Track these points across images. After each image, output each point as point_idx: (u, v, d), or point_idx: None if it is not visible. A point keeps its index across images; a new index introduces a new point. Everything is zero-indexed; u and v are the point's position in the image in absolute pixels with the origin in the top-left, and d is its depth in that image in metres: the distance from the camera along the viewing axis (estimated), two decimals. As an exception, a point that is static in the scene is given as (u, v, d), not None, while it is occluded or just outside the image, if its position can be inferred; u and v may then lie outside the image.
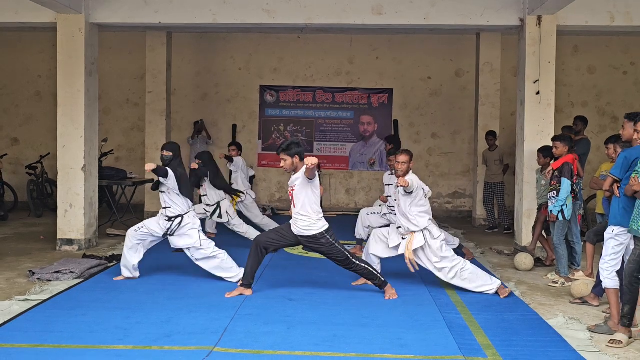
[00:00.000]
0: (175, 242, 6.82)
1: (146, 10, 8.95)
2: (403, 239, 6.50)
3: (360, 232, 8.59)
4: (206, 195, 8.76)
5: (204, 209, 8.78)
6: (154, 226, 6.83)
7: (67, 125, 8.78)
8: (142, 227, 6.84)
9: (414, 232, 6.41)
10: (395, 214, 6.69)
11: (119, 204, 11.25)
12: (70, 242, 8.76)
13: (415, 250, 6.44)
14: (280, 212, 12.45)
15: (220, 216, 8.72)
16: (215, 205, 8.70)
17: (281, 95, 13.55)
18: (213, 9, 8.90)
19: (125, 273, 6.85)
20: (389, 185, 8.21)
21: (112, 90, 13.39)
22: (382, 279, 6.27)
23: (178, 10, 8.94)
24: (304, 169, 5.93)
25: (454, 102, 13.32)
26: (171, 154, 6.87)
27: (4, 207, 11.72)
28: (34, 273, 6.89)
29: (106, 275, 7.07)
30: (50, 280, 6.73)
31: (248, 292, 6.26)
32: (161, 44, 11.95)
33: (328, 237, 6.14)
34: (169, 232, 6.78)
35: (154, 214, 11.63)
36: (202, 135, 12.92)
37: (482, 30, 11.05)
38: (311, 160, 5.69)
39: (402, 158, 6.47)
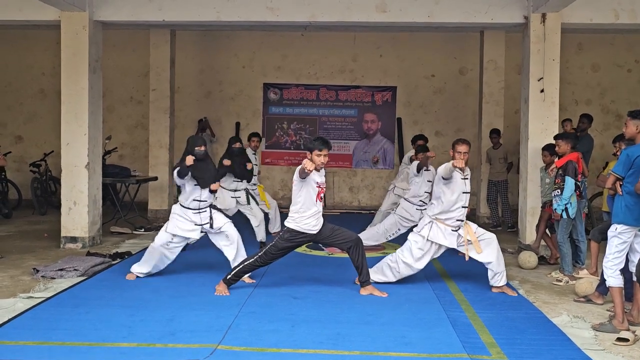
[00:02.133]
0: (215, 227, 6.79)
1: (150, 8, 8.95)
2: (454, 231, 6.48)
3: (381, 237, 8.53)
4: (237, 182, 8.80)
5: (232, 197, 8.76)
6: (191, 233, 6.76)
7: (70, 123, 8.79)
8: (173, 239, 6.81)
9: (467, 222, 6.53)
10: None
11: (122, 201, 11.25)
12: (74, 239, 8.77)
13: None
14: (284, 211, 12.43)
15: (256, 201, 8.83)
16: (244, 191, 8.78)
17: (285, 93, 13.54)
18: (217, 6, 8.90)
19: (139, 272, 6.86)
20: (449, 180, 7.89)
21: (116, 88, 13.40)
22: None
23: (182, 7, 8.94)
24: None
25: (457, 100, 13.30)
26: (204, 148, 6.84)
27: (8, 205, 11.74)
28: (38, 271, 6.90)
29: (110, 273, 7.08)
30: (54, 278, 6.74)
31: (227, 292, 6.24)
32: (165, 41, 11.95)
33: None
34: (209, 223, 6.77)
35: (157, 212, 11.77)
36: (206, 132, 12.92)
37: (486, 27, 11.03)
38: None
39: (464, 148, 6.74)
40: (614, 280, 5.35)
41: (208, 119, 13.13)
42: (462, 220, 6.53)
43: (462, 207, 6.53)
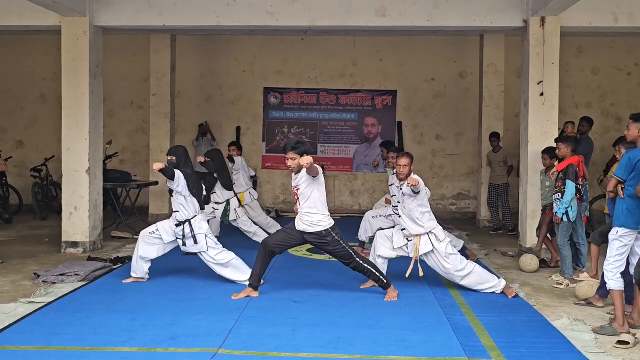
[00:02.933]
0: (184, 247, 6.83)
1: (150, 13, 8.98)
2: (408, 240, 6.50)
3: (362, 234, 8.59)
4: (215, 193, 8.80)
5: (213, 207, 8.82)
6: (165, 234, 6.84)
7: (71, 128, 8.80)
8: (156, 230, 6.87)
9: (420, 235, 6.41)
10: (399, 216, 6.68)
11: (123, 206, 11.26)
12: (75, 244, 8.78)
13: (424, 254, 6.45)
14: (285, 215, 12.45)
15: (227, 215, 8.77)
16: (225, 203, 8.73)
17: (285, 97, 13.56)
18: (217, 11, 8.92)
19: (137, 274, 6.88)
20: (392, 185, 8.21)
21: (117, 93, 13.43)
22: (386, 280, 6.28)
23: (182, 13, 8.96)
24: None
25: (457, 103, 13.32)
26: (175, 158, 6.87)
27: (9, 210, 11.76)
28: (39, 276, 6.91)
29: (111, 278, 7.08)
30: (55, 283, 6.75)
31: (255, 294, 6.26)
32: (165, 46, 11.97)
33: (334, 234, 6.15)
34: (182, 237, 6.78)
35: (158, 217, 11.77)
36: (206, 137, 12.94)
37: (486, 31, 11.04)
38: (306, 160, 5.74)
39: (403, 161, 6.46)
40: (615, 283, 5.35)
41: (209, 124, 13.14)
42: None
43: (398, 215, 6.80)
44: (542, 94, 8.46)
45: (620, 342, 4.95)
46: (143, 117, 13.27)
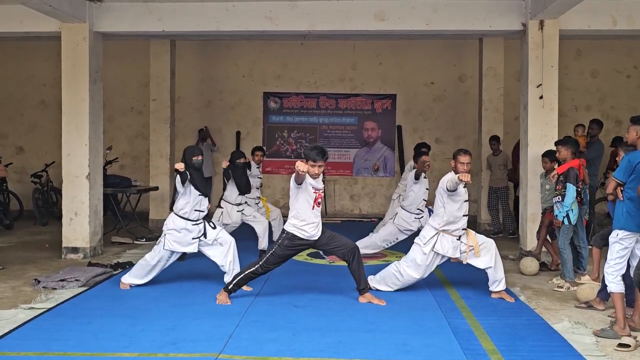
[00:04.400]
0: (211, 235, 6.80)
1: (150, 19, 9.00)
2: (459, 239, 6.51)
3: (379, 243, 8.51)
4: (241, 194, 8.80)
5: (238, 211, 8.75)
6: (190, 247, 6.78)
7: (71, 133, 8.82)
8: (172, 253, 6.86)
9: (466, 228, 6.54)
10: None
11: (123, 211, 11.27)
12: (75, 250, 8.78)
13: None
14: (286, 218, 12.42)
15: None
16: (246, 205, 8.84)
17: (285, 101, 13.58)
18: (216, 16, 8.94)
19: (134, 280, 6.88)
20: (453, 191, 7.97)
21: (117, 98, 13.44)
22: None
23: (181, 18, 8.98)
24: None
25: (457, 107, 13.33)
26: (201, 157, 6.88)
27: (10, 216, 11.76)
28: (39, 281, 6.90)
29: (111, 283, 7.08)
30: (55, 289, 6.75)
31: (228, 301, 6.21)
32: (165, 51, 11.99)
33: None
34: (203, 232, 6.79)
35: (159, 222, 11.76)
36: (206, 142, 12.95)
37: (485, 35, 11.06)
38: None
39: (467, 159, 6.76)
40: (615, 286, 5.35)
41: (209, 129, 13.15)
42: (465, 229, 6.55)
43: (464, 215, 6.53)
44: (541, 97, 8.46)
45: (621, 345, 4.94)
46: (143, 122, 13.28)
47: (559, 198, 7.17)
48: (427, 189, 8.30)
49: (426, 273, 6.57)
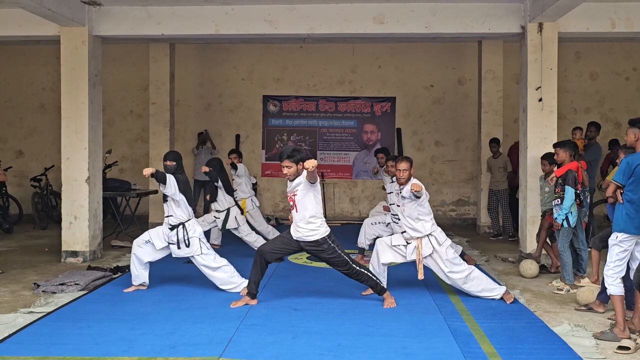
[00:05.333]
0: (176, 251, 6.82)
1: (149, 22, 9.01)
2: (408, 243, 6.50)
3: (362, 241, 8.59)
4: (216, 201, 8.80)
5: (215, 217, 8.83)
6: (158, 240, 6.85)
7: (71, 137, 8.82)
8: (149, 240, 6.88)
9: (420, 237, 6.42)
10: (398, 223, 6.67)
11: (123, 215, 11.27)
12: (74, 254, 8.78)
13: (424, 257, 6.44)
14: (285, 222, 12.46)
15: (225, 223, 8.78)
16: (225, 212, 8.74)
17: (284, 104, 13.59)
18: (215, 20, 8.95)
19: (137, 281, 6.89)
20: (390, 193, 8.22)
21: (116, 102, 13.45)
22: (382, 286, 6.27)
23: (180, 22, 8.99)
24: (304, 174, 5.95)
25: (456, 109, 13.34)
26: (175, 163, 6.89)
27: (9, 220, 11.76)
28: (38, 285, 6.90)
29: (111, 287, 7.07)
30: (55, 293, 6.74)
31: (253, 302, 6.26)
32: (164, 55, 12.00)
33: (330, 242, 6.14)
34: (175, 242, 6.78)
35: (158, 225, 11.76)
36: (206, 145, 12.95)
37: (484, 37, 11.07)
38: (311, 163, 5.68)
39: (403, 166, 6.47)
40: (615, 288, 5.35)
41: (208, 132, 13.16)
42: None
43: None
44: (540, 100, 8.47)
45: (621, 348, 4.94)
46: (142, 126, 13.29)
47: (558, 201, 7.17)
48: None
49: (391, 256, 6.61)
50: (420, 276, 6.49)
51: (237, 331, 5.36)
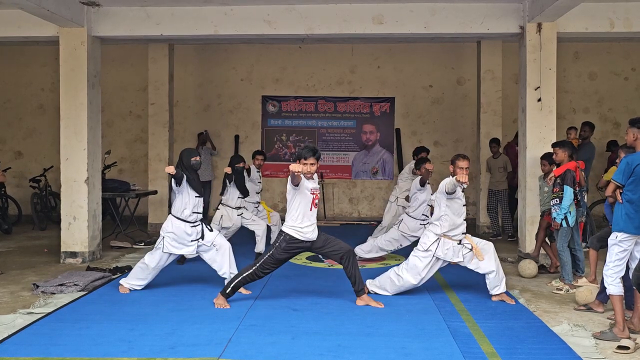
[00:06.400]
0: (209, 238, 6.80)
1: (148, 23, 9.01)
2: (460, 243, 6.52)
3: (383, 246, 8.51)
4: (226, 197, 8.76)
5: (238, 214, 8.73)
6: (186, 248, 6.79)
7: (70, 138, 8.81)
8: (170, 255, 6.86)
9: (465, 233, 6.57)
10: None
11: (122, 216, 11.26)
12: (74, 254, 8.77)
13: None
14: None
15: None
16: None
17: (283, 105, 13.59)
18: (214, 20, 8.95)
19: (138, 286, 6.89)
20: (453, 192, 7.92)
21: (115, 103, 13.45)
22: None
23: (179, 22, 8.99)
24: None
25: (456, 110, 13.34)
26: (198, 158, 6.90)
27: (8, 221, 11.75)
28: (38, 286, 6.89)
29: (110, 288, 7.06)
30: (54, 293, 6.74)
31: (227, 305, 6.22)
32: (163, 55, 12.00)
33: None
34: (198, 238, 6.79)
35: (157, 226, 11.75)
36: (206, 146, 12.95)
37: (483, 38, 11.08)
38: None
39: (466, 163, 6.68)
40: (615, 288, 5.34)
41: (208, 132, 13.16)
42: (464, 233, 6.57)
43: (464, 220, 6.58)
44: (539, 100, 8.47)
45: (620, 347, 4.94)
46: (142, 127, 13.29)
47: (556, 200, 7.17)
48: (431, 194, 8.31)
49: (425, 279, 6.57)
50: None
51: (236, 332, 5.36)
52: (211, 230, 6.88)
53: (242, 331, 5.39)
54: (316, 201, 6.19)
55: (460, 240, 6.51)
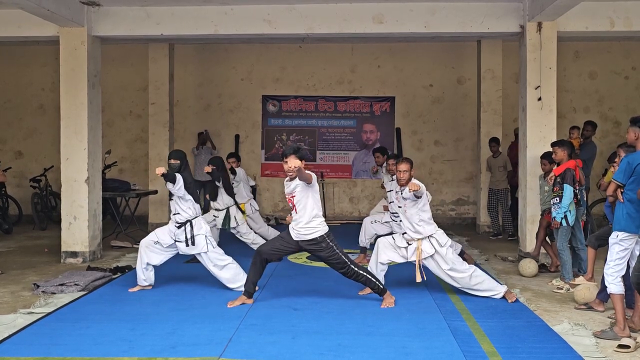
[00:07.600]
0: (184, 249, 6.83)
1: (148, 23, 9.01)
2: (409, 244, 6.50)
3: (363, 240, 8.59)
4: (216, 200, 8.81)
5: (214, 215, 8.84)
6: (164, 237, 6.87)
7: (70, 138, 8.81)
8: (157, 241, 6.87)
9: (420, 239, 6.42)
10: (397, 222, 6.67)
11: (122, 215, 11.26)
12: (74, 254, 8.77)
13: (425, 259, 6.44)
14: (284, 222, 12.43)
15: (228, 223, 8.77)
16: (225, 210, 8.74)
17: (283, 104, 13.58)
18: (214, 20, 8.95)
19: (141, 282, 6.90)
20: (390, 191, 8.21)
21: (115, 102, 13.45)
22: (382, 286, 6.27)
23: (180, 22, 8.99)
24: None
25: (456, 109, 13.33)
26: (179, 162, 6.88)
27: (8, 221, 11.75)
28: (38, 286, 6.90)
29: (111, 287, 7.07)
30: (54, 293, 6.74)
31: (249, 301, 6.27)
32: (163, 55, 12.00)
33: (328, 241, 6.14)
34: (184, 240, 6.79)
35: (158, 225, 11.74)
36: (206, 145, 12.94)
37: (483, 37, 11.08)
38: (294, 163, 5.83)
39: (404, 167, 6.48)
40: (615, 287, 5.34)
41: (208, 132, 13.15)
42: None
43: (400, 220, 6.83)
44: (539, 99, 8.47)
45: (621, 346, 4.94)
46: (142, 126, 13.28)
47: (556, 199, 7.17)
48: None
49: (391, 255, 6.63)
50: (418, 279, 6.48)
51: (236, 331, 5.36)
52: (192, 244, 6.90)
53: (243, 330, 5.39)
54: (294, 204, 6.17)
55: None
